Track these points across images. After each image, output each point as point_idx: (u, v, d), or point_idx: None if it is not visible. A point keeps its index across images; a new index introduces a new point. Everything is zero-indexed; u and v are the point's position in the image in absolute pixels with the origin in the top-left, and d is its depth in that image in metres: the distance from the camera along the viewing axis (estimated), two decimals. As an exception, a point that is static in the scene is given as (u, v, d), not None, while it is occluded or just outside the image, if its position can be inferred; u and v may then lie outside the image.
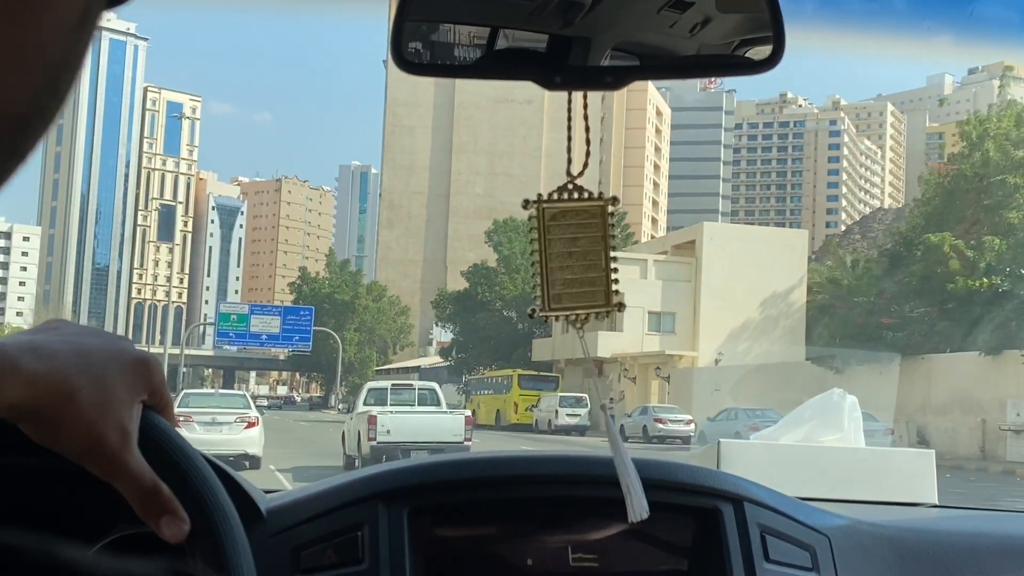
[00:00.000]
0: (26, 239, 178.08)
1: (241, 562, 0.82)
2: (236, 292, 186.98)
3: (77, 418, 0.77)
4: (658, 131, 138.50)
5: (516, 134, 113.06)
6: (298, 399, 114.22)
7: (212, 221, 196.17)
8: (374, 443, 17.17)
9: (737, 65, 1.12)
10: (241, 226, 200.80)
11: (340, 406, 66.04)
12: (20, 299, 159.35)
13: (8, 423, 0.77)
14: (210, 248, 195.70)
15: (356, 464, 17.44)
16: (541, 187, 0.91)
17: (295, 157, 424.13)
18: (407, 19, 1.05)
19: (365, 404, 19.19)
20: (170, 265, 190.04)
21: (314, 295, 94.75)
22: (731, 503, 1.42)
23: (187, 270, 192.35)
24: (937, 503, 2.68)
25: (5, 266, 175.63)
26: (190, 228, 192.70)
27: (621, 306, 1.19)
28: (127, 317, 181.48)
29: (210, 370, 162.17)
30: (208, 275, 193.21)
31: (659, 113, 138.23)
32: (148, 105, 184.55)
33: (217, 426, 17.88)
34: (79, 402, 0.77)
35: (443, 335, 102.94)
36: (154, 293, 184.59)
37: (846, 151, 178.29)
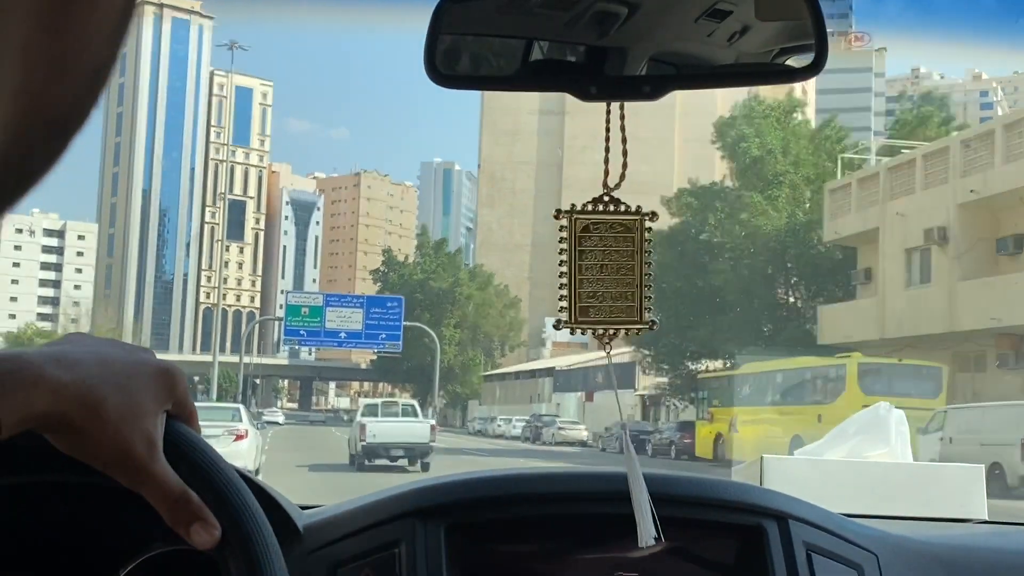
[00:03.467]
0: (81, 237, 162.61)
1: (275, 569, 0.83)
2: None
3: (103, 427, 0.78)
4: (804, 92, 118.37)
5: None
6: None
7: (286, 217, 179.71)
8: (364, 443, 24.42)
9: (778, 73, 1.11)
10: (318, 223, 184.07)
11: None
12: (76, 304, 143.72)
13: (36, 435, 0.77)
14: (284, 247, 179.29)
15: (355, 461, 24.96)
16: (675, 153, 1.14)
17: (373, 159, 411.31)
18: (441, 32, 1.05)
19: (362, 416, 25.94)
20: (241, 266, 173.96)
21: (403, 283, 76.27)
22: (775, 520, 1.40)
23: (259, 272, 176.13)
24: (987, 519, 2.53)
25: (58, 267, 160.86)
26: (262, 225, 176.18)
27: (654, 324, 1.17)
28: (195, 324, 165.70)
29: (285, 381, 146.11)
30: (283, 276, 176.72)
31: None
32: (215, 91, 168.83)
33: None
34: (105, 411, 0.78)
35: (559, 335, 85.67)
36: (224, 297, 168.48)
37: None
